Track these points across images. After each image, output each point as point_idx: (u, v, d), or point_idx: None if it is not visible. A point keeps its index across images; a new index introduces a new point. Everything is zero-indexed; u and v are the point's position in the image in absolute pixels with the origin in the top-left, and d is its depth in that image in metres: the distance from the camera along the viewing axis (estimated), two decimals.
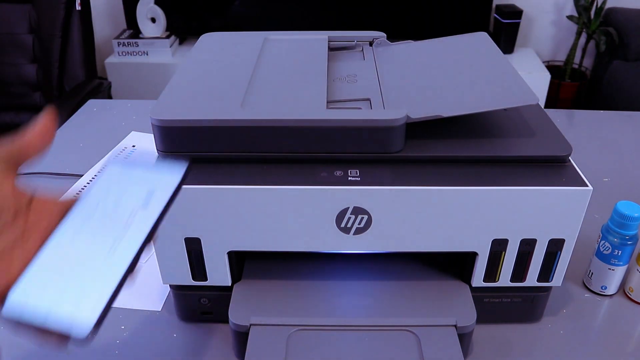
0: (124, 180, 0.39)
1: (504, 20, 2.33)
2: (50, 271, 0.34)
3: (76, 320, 0.33)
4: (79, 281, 0.34)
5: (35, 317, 0.34)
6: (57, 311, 0.33)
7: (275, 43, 0.75)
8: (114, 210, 0.38)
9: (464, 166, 0.56)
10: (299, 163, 0.56)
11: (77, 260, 0.35)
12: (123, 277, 0.35)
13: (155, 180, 0.39)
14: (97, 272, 0.35)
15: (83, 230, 0.36)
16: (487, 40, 0.74)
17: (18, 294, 0.34)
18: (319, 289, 0.64)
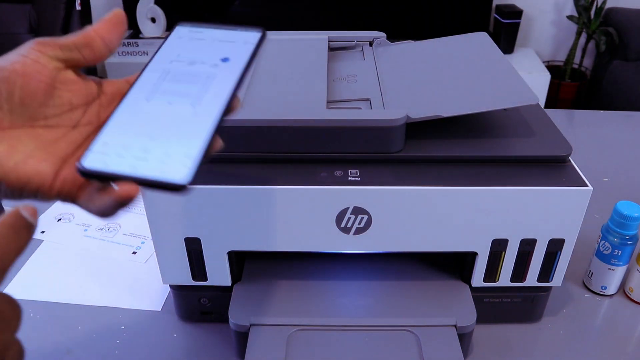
0: (194, 43, 0.38)
1: (504, 20, 2.33)
2: (130, 127, 0.33)
3: (171, 167, 0.31)
4: (166, 134, 0.32)
5: (121, 167, 0.31)
6: (147, 160, 0.31)
7: (276, 43, 0.75)
8: (189, 69, 0.36)
9: (464, 166, 0.56)
10: (299, 163, 0.56)
11: (158, 116, 0.34)
12: (212, 132, 0.33)
13: (227, 46, 0.37)
14: (184, 126, 0.33)
15: (159, 88, 0.35)
16: (487, 40, 0.74)
17: (98, 148, 0.32)
18: (319, 289, 0.64)
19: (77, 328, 0.67)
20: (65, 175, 0.32)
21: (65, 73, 0.34)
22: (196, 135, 0.33)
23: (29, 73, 0.32)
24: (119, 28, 0.35)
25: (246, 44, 0.37)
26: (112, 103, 0.35)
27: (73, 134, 0.34)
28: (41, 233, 0.83)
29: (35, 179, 0.31)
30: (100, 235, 0.83)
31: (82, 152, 0.33)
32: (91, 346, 0.65)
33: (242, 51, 0.37)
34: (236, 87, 0.35)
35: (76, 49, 0.33)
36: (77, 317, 0.68)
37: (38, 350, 0.64)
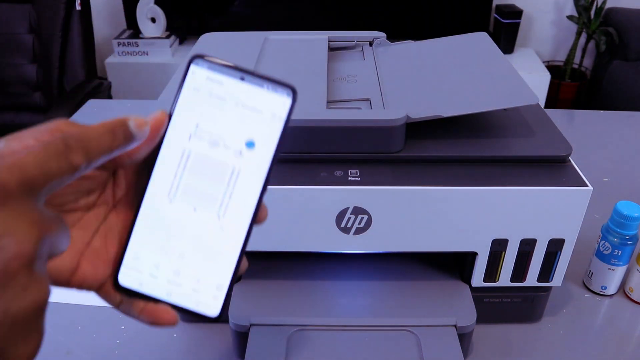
0: (214, 108, 0.32)
1: (504, 20, 2.33)
2: (158, 239, 0.32)
3: (203, 298, 0.32)
4: (195, 254, 0.32)
5: (157, 290, 0.32)
6: (181, 286, 0.32)
7: (276, 43, 0.75)
8: (210, 154, 0.32)
9: (464, 166, 0.56)
10: (299, 163, 0.56)
11: (184, 226, 0.32)
12: (240, 256, 0.32)
13: (253, 121, 0.32)
14: (213, 245, 0.32)
15: (180, 183, 0.32)
16: (487, 40, 0.74)
17: (130, 263, 0.32)
18: (319, 289, 0.64)
19: (77, 328, 0.67)
20: (84, 272, 0.31)
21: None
22: (225, 260, 0.32)
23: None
24: (154, 141, 0.32)
25: (274, 118, 0.32)
26: (127, 178, 0.33)
27: (89, 218, 0.32)
28: None
29: (52, 277, 0.30)
30: None
31: (98, 240, 0.32)
32: (91, 346, 0.65)
33: (270, 131, 0.32)
34: (263, 189, 0.32)
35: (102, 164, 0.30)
36: (77, 317, 0.68)
37: None
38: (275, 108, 0.32)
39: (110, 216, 0.33)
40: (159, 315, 0.32)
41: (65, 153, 0.26)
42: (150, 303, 0.32)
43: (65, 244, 0.29)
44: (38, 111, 1.80)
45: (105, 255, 0.32)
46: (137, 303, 0.32)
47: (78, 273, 0.31)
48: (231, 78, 0.32)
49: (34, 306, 0.24)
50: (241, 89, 0.32)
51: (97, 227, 0.32)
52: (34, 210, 0.25)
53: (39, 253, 0.25)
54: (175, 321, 0.32)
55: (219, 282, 0.32)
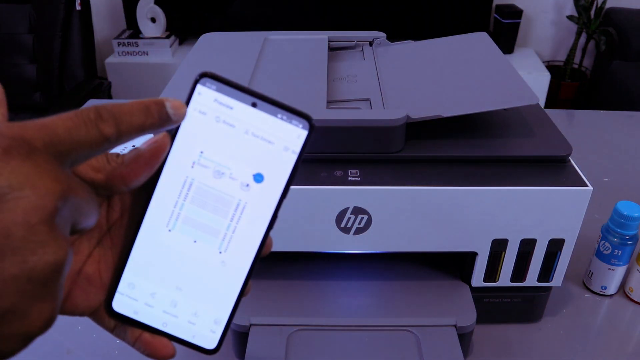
0: (221, 134, 0.29)
1: (504, 20, 2.33)
2: (155, 267, 0.31)
3: (200, 331, 0.31)
4: (193, 287, 0.31)
5: (152, 319, 0.31)
6: (177, 317, 0.31)
7: (275, 43, 0.75)
8: (214, 185, 0.30)
9: (464, 166, 0.56)
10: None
11: (183, 257, 0.31)
12: (241, 291, 0.31)
13: (263, 152, 0.30)
14: (212, 281, 0.31)
15: (180, 211, 0.30)
16: (487, 40, 0.74)
17: (125, 290, 0.31)
18: (319, 289, 0.64)
19: (77, 328, 0.67)
20: (76, 299, 0.30)
21: None
22: (225, 295, 0.31)
23: None
24: (154, 167, 0.29)
25: (286, 151, 0.30)
26: (122, 201, 0.32)
27: (81, 243, 0.30)
28: None
29: None
30: None
31: (92, 266, 0.30)
32: (91, 346, 0.65)
33: (281, 165, 0.30)
34: (270, 225, 0.31)
35: (94, 186, 0.28)
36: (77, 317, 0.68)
37: (38, 350, 0.64)
38: (289, 140, 0.30)
39: (103, 241, 0.31)
40: (155, 347, 0.31)
41: (96, 121, 0.25)
42: (146, 333, 0.31)
43: (92, 219, 0.28)
44: (38, 111, 1.80)
45: (99, 281, 0.31)
46: (132, 330, 0.31)
47: (70, 300, 0.30)
48: (242, 103, 0.29)
49: (51, 266, 0.23)
50: (252, 116, 0.29)
51: (90, 253, 0.31)
52: (58, 169, 0.24)
53: (61, 211, 0.24)
54: (173, 354, 0.31)
55: (217, 317, 0.31)
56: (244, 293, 0.31)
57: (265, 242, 0.31)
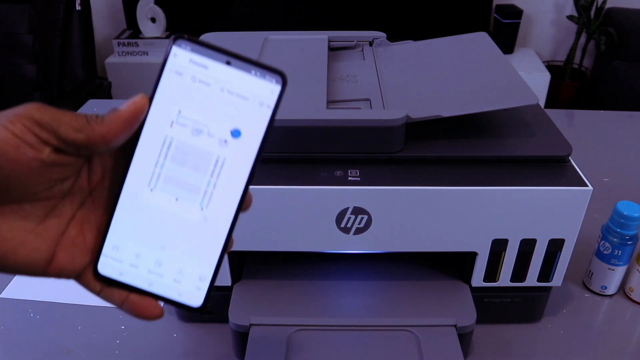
0: (197, 92, 0.30)
1: (504, 20, 2.33)
2: (138, 228, 0.31)
3: (186, 289, 0.31)
4: (177, 245, 0.31)
5: (137, 280, 0.31)
6: (162, 276, 0.31)
7: (275, 43, 0.75)
8: (193, 143, 0.30)
9: (464, 166, 0.56)
10: (299, 163, 0.56)
11: (165, 216, 0.31)
12: (224, 247, 0.31)
13: (238, 108, 0.30)
14: (195, 236, 0.31)
15: (161, 170, 0.31)
16: (487, 40, 0.74)
17: (110, 252, 0.31)
18: (319, 289, 0.64)
19: (77, 328, 0.67)
20: (61, 261, 0.31)
21: (59, 156, 0.29)
22: (209, 251, 0.31)
23: (21, 160, 0.27)
24: (133, 127, 0.30)
25: (261, 106, 0.31)
26: (102, 163, 0.32)
27: (63, 205, 0.31)
28: None
29: (27, 269, 0.30)
30: None
31: (75, 228, 0.31)
32: (91, 346, 0.65)
33: (257, 119, 0.31)
34: (249, 180, 0.31)
35: (75, 147, 0.29)
36: (77, 317, 0.68)
37: (38, 350, 0.64)
38: (263, 95, 0.31)
39: (86, 203, 0.32)
40: (143, 307, 0.31)
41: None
42: (133, 294, 0.32)
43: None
44: None
45: (83, 244, 0.31)
46: (118, 292, 0.32)
47: (55, 262, 0.30)
48: (216, 62, 0.30)
49: None
50: (227, 74, 0.30)
51: (73, 215, 0.31)
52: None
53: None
54: (160, 314, 0.32)
55: (201, 273, 0.32)
56: (227, 248, 0.32)
57: (245, 197, 0.32)
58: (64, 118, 0.28)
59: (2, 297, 0.71)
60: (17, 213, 0.29)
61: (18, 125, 0.27)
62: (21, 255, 0.29)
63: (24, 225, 0.29)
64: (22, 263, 0.29)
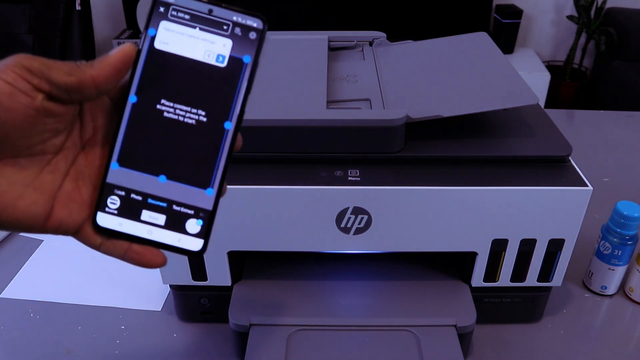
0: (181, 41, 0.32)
1: (504, 20, 2.33)
2: (134, 177, 0.32)
3: (183, 234, 0.32)
4: (174, 190, 0.32)
5: (137, 229, 0.32)
6: (162, 224, 0.32)
7: (275, 43, 0.75)
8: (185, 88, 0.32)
9: (464, 166, 0.56)
10: (299, 163, 0.56)
11: (161, 162, 0.32)
12: (218, 191, 0.32)
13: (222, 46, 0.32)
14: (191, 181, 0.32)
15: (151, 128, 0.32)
16: (487, 40, 0.74)
17: (108, 204, 0.32)
18: (319, 289, 0.64)
19: (77, 328, 0.67)
20: (60, 215, 0.31)
21: (52, 104, 0.30)
22: (205, 196, 0.32)
23: (15, 107, 0.28)
24: (121, 73, 0.31)
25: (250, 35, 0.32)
26: (94, 119, 0.33)
27: (57, 161, 0.32)
28: None
29: (26, 222, 0.30)
30: None
31: (70, 183, 0.32)
32: (91, 346, 0.65)
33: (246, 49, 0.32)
34: (240, 115, 0.32)
35: (66, 91, 0.30)
36: (77, 317, 0.68)
37: (38, 350, 0.64)
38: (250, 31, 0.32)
39: (78, 159, 0.33)
40: (146, 256, 0.32)
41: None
42: (135, 244, 0.32)
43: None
44: None
45: (79, 198, 0.32)
46: (120, 244, 0.32)
47: (53, 217, 0.31)
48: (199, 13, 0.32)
49: None
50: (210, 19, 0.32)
51: (67, 170, 0.32)
52: None
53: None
54: (163, 262, 0.33)
55: (199, 217, 0.32)
56: (222, 192, 0.33)
57: (237, 134, 0.32)
58: (54, 64, 0.29)
59: (2, 297, 0.71)
60: (14, 167, 0.30)
61: (10, 73, 0.28)
62: (20, 208, 0.30)
63: (21, 179, 0.30)
64: (21, 216, 0.30)
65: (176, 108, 0.32)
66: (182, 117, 0.32)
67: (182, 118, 0.32)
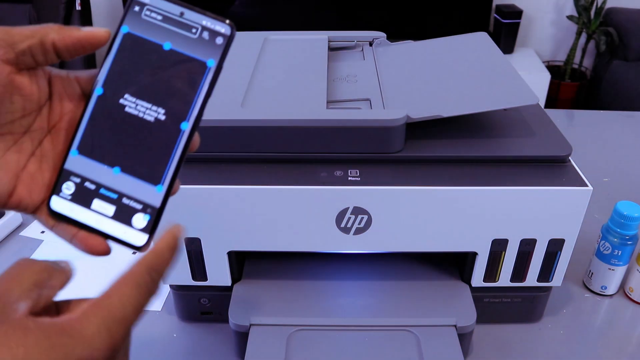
0: (146, 51, 0.33)
1: (504, 20, 2.33)
2: (89, 165, 0.33)
3: (132, 227, 0.33)
4: (124, 183, 0.33)
5: (86, 217, 0.33)
6: (110, 216, 0.33)
7: (275, 43, 0.75)
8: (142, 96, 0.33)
9: (464, 166, 0.56)
10: (299, 163, 0.56)
11: (115, 154, 0.33)
12: (168, 188, 0.33)
13: (189, 48, 0.33)
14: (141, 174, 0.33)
15: (112, 121, 0.33)
16: (487, 40, 0.74)
17: (63, 189, 0.33)
18: (319, 289, 0.64)
19: None
20: (20, 194, 0.32)
21: (19, 77, 0.31)
22: (154, 192, 0.33)
23: None
24: (83, 49, 0.32)
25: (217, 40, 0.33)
26: (62, 105, 0.34)
27: (24, 142, 0.33)
28: (41, 233, 0.83)
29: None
30: None
31: (34, 165, 0.33)
32: None
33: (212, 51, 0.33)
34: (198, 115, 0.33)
35: (30, 54, 0.31)
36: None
37: None
38: (217, 36, 0.33)
39: (44, 142, 0.33)
40: (90, 243, 0.33)
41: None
42: (82, 231, 0.33)
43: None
44: None
45: (41, 180, 0.33)
46: (69, 228, 0.33)
47: (15, 195, 0.32)
48: (171, 15, 0.33)
49: None
50: (181, 21, 0.33)
51: (32, 151, 0.33)
52: None
53: None
54: (106, 251, 0.33)
55: (146, 212, 0.33)
56: (172, 191, 0.33)
57: (193, 135, 0.33)
58: (15, 30, 0.30)
59: None
60: None
61: None
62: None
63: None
64: None
65: (138, 104, 0.33)
66: (142, 114, 0.33)
67: (142, 114, 0.33)
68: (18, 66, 0.31)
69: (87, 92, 0.34)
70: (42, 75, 0.33)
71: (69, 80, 0.34)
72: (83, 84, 0.34)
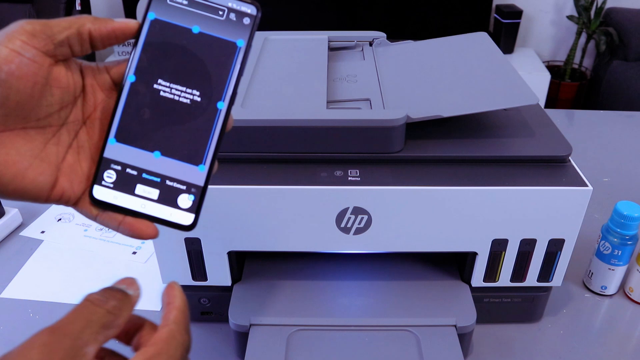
0: (175, 35, 0.33)
1: (504, 20, 2.33)
2: (130, 153, 0.33)
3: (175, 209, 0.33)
4: (168, 167, 0.33)
5: (131, 203, 0.33)
6: (155, 198, 0.33)
7: (275, 43, 0.75)
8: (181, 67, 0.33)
9: (464, 166, 0.56)
10: (299, 163, 0.56)
11: (155, 140, 0.33)
12: (210, 167, 0.34)
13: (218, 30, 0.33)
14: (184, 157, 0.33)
15: (149, 97, 0.33)
16: (487, 40, 0.74)
17: (105, 177, 0.33)
18: (319, 289, 0.64)
19: None
20: (62, 186, 0.33)
21: (57, 68, 0.32)
22: (196, 172, 0.34)
23: (26, 75, 0.29)
24: (117, 39, 0.33)
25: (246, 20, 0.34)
26: (95, 95, 0.34)
27: (62, 134, 0.33)
28: (41, 233, 0.83)
29: (33, 192, 0.32)
30: (100, 235, 0.83)
31: (72, 156, 0.33)
32: None
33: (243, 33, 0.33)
34: (232, 96, 0.34)
35: (68, 44, 0.31)
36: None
37: None
38: (244, 16, 0.34)
39: (80, 133, 0.34)
40: (138, 229, 0.33)
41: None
42: (128, 216, 0.33)
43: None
44: None
45: (80, 171, 0.34)
46: (114, 216, 0.34)
47: (57, 188, 0.32)
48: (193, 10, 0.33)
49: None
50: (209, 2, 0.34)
51: (70, 143, 0.33)
52: None
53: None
54: (155, 234, 0.34)
55: (191, 193, 0.34)
56: (213, 170, 0.34)
57: (229, 114, 0.34)
58: (53, 22, 0.31)
59: (2, 297, 0.71)
60: (24, 138, 0.31)
61: (17, 42, 0.29)
62: (29, 178, 0.31)
63: (30, 150, 0.31)
64: (29, 186, 0.31)
65: (172, 88, 0.33)
66: (178, 97, 0.33)
67: (177, 97, 0.33)
68: (55, 57, 0.31)
69: (117, 82, 0.34)
70: (75, 67, 0.33)
71: (99, 70, 0.34)
72: (113, 74, 0.35)
